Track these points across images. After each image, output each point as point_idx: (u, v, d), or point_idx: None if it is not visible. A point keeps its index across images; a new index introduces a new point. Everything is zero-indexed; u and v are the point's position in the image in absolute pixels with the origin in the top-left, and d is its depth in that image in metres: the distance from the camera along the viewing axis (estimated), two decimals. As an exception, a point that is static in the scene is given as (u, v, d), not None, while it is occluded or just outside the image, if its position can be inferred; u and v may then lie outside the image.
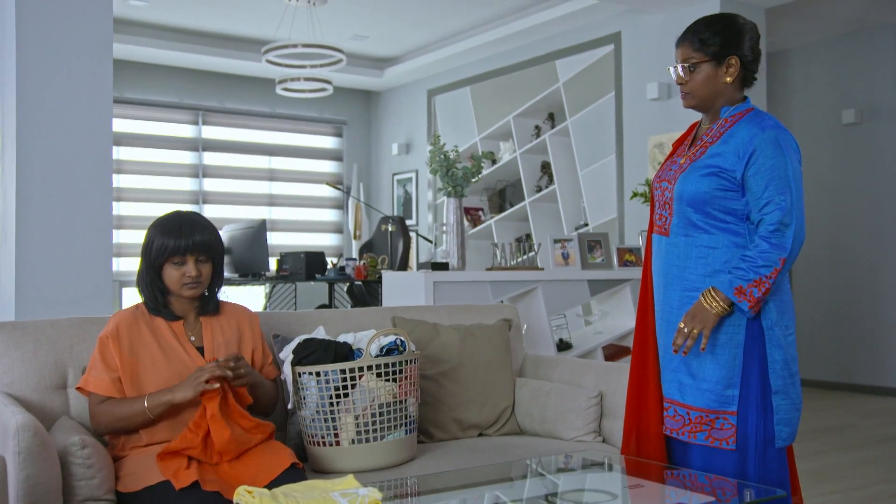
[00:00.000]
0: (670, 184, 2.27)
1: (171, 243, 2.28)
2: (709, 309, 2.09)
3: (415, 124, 9.11)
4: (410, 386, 2.59)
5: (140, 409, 2.19)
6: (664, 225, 2.28)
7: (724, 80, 2.24)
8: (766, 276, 2.07)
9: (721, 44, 2.23)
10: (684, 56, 2.27)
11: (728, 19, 2.28)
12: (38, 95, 3.69)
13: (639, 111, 6.53)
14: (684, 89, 2.29)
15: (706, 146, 2.24)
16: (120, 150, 8.21)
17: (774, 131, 2.15)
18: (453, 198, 4.97)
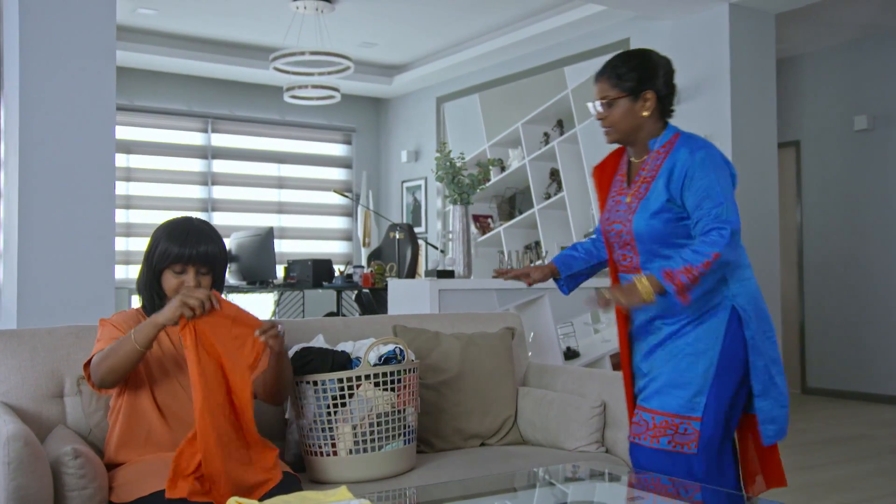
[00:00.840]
0: (624, 225, 2.33)
1: (175, 251, 2.25)
2: (638, 289, 2.16)
3: (424, 131, 9.09)
4: (409, 395, 2.56)
5: (130, 344, 2.10)
6: (631, 264, 2.36)
7: (641, 114, 2.32)
8: (696, 265, 2.12)
9: (637, 79, 2.31)
10: (602, 93, 2.35)
11: (643, 55, 2.36)
12: (41, 103, 3.69)
13: (648, 118, 6.49)
14: (604, 125, 2.37)
15: (647, 181, 2.31)
16: (130, 158, 8.23)
17: (702, 152, 2.24)
18: (459, 205, 4.94)
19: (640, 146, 2.38)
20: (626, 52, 2.39)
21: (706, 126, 6.01)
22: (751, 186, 5.98)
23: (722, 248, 2.14)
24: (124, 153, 8.18)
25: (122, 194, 8.11)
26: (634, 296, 2.16)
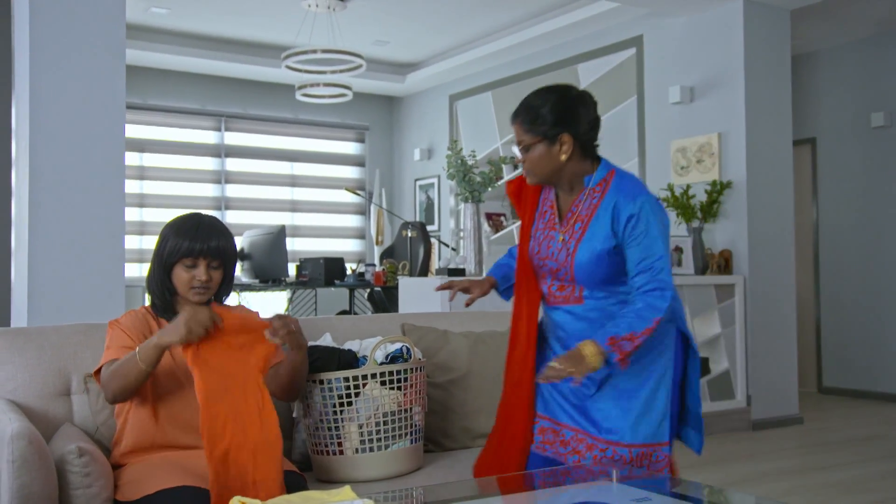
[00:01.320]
0: (561, 264, 2.28)
1: (186, 245, 2.25)
2: (585, 356, 2.12)
3: (437, 129, 9.08)
4: (416, 394, 2.54)
5: (134, 361, 2.11)
6: (570, 296, 2.32)
7: (559, 158, 2.24)
8: (639, 332, 2.13)
9: (552, 122, 2.23)
10: (518, 137, 2.28)
11: (558, 95, 2.27)
12: (51, 101, 3.70)
13: (661, 115, 6.45)
14: (524, 168, 2.30)
15: (582, 220, 2.27)
16: (143, 157, 8.26)
17: (643, 199, 2.21)
18: (471, 203, 4.93)
19: (566, 185, 2.32)
20: (542, 91, 2.30)
21: (720, 124, 5.97)
22: (765, 184, 5.93)
23: (663, 312, 2.16)
24: (138, 152, 8.21)
25: (135, 193, 8.14)
26: (583, 365, 2.12)
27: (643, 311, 2.15)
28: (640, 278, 2.19)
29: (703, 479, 4.41)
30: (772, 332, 5.94)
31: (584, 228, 2.26)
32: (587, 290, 2.29)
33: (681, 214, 5.90)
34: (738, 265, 5.87)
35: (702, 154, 6.05)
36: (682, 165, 6.19)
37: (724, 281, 5.75)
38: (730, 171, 5.92)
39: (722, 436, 5.60)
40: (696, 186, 6.04)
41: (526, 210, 2.41)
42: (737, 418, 5.76)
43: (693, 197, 5.90)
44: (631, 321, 2.14)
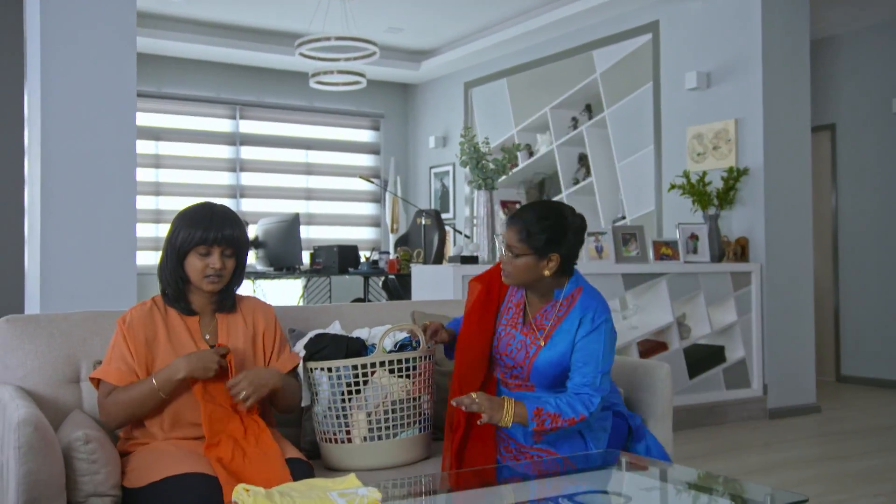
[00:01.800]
0: (520, 362, 2.46)
1: (200, 233, 2.25)
2: (503, 410, 2.30)
3: (452, 117, 9.04)
4: (425, 383, 2.53)
5: (150, 389, 2.16)
6: (522, 384, 2.50)
7: (543, 272, 2.43)
8: (564, 419, 2.32)
9: (545, 241, 2.40)
10: (510, 241, 2.43)
11: (556, 217, 2.43)
12: (62, 90, 3.70)
13: (677, 101, 6.38)
14: (506, 269, 2.47)
15: (545, 329, 2.45)
16: (159, 145, 8.28)
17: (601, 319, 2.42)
18: (484, 190, 4.90)
19: (538, 293, 2.50)
20: (542, 209, 2.46)
21: (736, 110, 5.90)
22: (783, 171, 5.86)
23: (590, 413, 2.34)
24: (153, 140, 8.24)
25: (151, 181, 8.17)
26: (499, 413, 2.29)
27: (574, 403, 2.34)
28: (578, 375, 2.39)
29: (717, 467, 4.38)
30: (789, 320, 5.88)
31: (546, 337, 2.45)
32: (537, 387, 2.47)
33: (696, 202, 5.84)
34: (755, 253, 5.81)
35: (718, 140, 5.99)
36: (699, 152, 6.12)
37: (741, 269, 5.70)
38: (747, 158, 5.85)
39: (737, 424, 5.56)
40: (713, 173, 5.97)
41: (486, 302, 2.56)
42: (753, 407, 5.71)
43: (709, 184, 5.84)
44: (561, 405, 2.34)
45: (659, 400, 2.78)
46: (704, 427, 5.48)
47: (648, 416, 2.78)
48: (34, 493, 1.86)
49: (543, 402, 2.34)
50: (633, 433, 2.67)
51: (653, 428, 2.77)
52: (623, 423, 2.66)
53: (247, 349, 2.36)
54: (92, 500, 2.03)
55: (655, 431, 2.76)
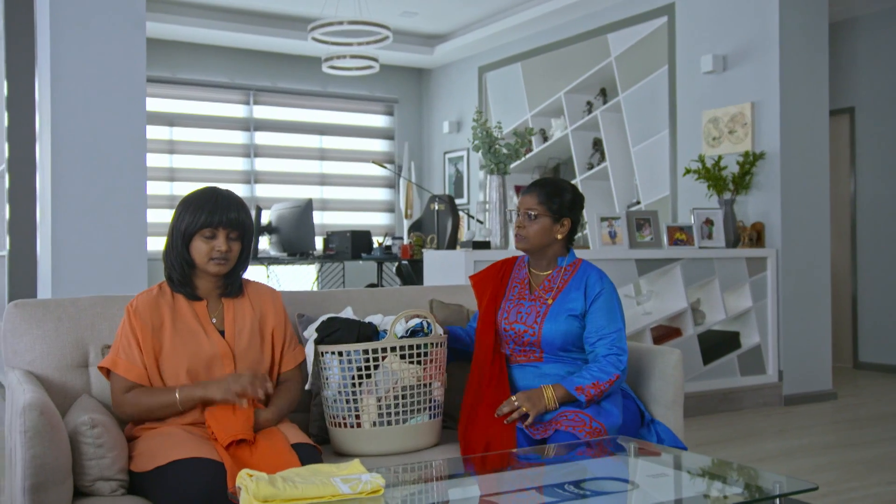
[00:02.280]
0: (530, 328, 2.61)
1: (204, 217, 2.25)
2: (544, 399, 2.48)
3: (466, 102, 8.99)
4: (436, 369, 2.51)
5: (171, 401, 2.18)
6: (530, 356, 2.64)
7: (556, 235, 2.67)
8: (602, 382, 2.50)
9: (560, 204, 2.65)
10: (528, 205, 2.66)
11: (571, 189, 2.71)
12: (71, 75, 3.69)
13: (693, 85, 6.31)
14: (521, 233, 2.68)
15: (553, 291, 2.64)
16: (173, 131, 8.29)
17: (606, 280, 2.64)
18: (496, 175, 4.87)
19: (544, 261, 2.71)
20: (556, 180, 2.75)
21: (753, 93, 5.83)
22: (800, 155, 5.78)
23: (621, 371, 2.53)
24: (167, 126, 8.25)
25: (165, 167, 8.18)
26: (541, 403, 2.47)
27: (605, 367, 2.52)
28: (600, 344, 2.56)
29: (731, 454, 4.35)
30: (805, 305, 5.82)
31: (554, 296, 2.63)
32: (546, 353, 2.61)
33: (712, 186, 5.78)
34: (771, 238, 5.75)
35: (734, 124, 5.92)
36: (714, 136, 6.06)
37: (756, 254, 5.64)
38: (763, 142, 5.78)
39: (752, 411, 5.52)
40: (728, 158, 5.91)
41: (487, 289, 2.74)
42: (768, 393, 5.67)
43: (725, 168, 5.78)
44: (595, 374, 2.51)
45: (670, 386, 2.75)
46: (719, 413, 5.44)
47: (659, 403, 2.76)
48: (40, 477, 1.86)
49: (578, 379, 2.49)
50: (644, 420, 2.66)
51: (663, 415, 2.74)
52: (634, 406, 2.66)
53: (253, 334, 2.35)
54: (98, 484, 2.03)
55: (666, 419, 2.74)
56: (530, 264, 2.76)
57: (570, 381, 2.51)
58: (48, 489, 1.88)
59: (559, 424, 2.43)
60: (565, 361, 2.62)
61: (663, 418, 2.74)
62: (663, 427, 2.69)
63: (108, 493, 2.04)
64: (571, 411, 2.46)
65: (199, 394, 2.18)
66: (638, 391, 2.84)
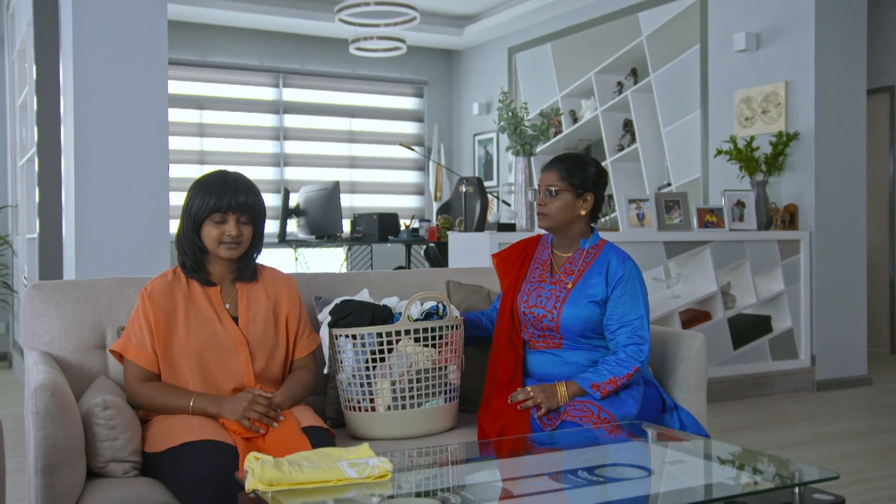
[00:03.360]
0: (549, 312, 2.54)
1: (213, 201, 2.23)
2: (557, 396, 2.43)
3: (495, 83, 8.90)
4: (452, 352, 2.48)
5: (184, 407, 2.17)
6: (549, 342, 2.57)
7: (579, 211, 2.58)
8: (619, 378, 2.43)
9: (583, 179, 2.57)
10: (549, 181, 2.58)
11: (593, 163, 2.63)
12: (93, 59, 3.70)
13: (725, 64, 6.18)
14: (543, 210, 2.59)
15: (574, 274, 2.57)
16: (203, 114, 8.32)
17: (631, 263, 2.55)
18: (522, 156, 4.82)
19: (567, 240, 2.63)
20: (577, 155, 2.68)
21: (787, 71, 5.69)
22: (835, 135, 5.64)
23: (641, 362, 2.45)
24: (197, 109, 8.28)
25: (195, 150, 8.23)
26: (554, 401, 2.42)
27: (624, 360, 2.44)
28: (621, 332, 2.48)
29: (760, 440, 4.29)
30: (839, 289, 5.70)
31: (575, 280, 2.56)
32: (566, 339, 2.54)
33: (744, 167, 5.67)
34: (805, 220, 5.63)
35: (767, 104, 5.79)
36: (747, 116, 5.93)
37: (789, 236, 5.53)
38: (797, 122, 5.65)
39: (783, 396, 5.43)
40: (761, 138, 5.78)
41: (510, 269, 2.69)
42: (800, 378, 5.57)
43: (757, 149, 5.66)
44: (612, 368, 2.44)
45: (693, 371, 2.70)
46: (749, 399, 5.36)
47: (682, 388, 2.71)
48: (52, 458, 1.87)
49: (593, 376, 2.43)
50: (666, 406, 2.62)
51: (686, 400, 2.70)
52: (655, 392, 2.61)
53: (268, 321, 2.34)
54: (111, 465, 2.04)
55: (689, 404, 2.69)
56: (553, 244, 2.68)
57: (585, 379, 2.44)
58: (60, 470, 1.89)
59: (566, 415, 2.39)
60: (585, 348, 2.55)
61: (686, 403, 2.70)
62: (686, 413, 2.64)
63: (120, 475, 2.05)
64: (580, 401, 2.42)
65: (212, 411, 2.16)
66: (660, 376, 2.79)
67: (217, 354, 2.24)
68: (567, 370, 2.53)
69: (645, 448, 2.13)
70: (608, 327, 2.51)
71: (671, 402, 2.65)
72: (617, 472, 1.89)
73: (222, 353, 2.25)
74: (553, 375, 2.54)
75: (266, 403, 2.14)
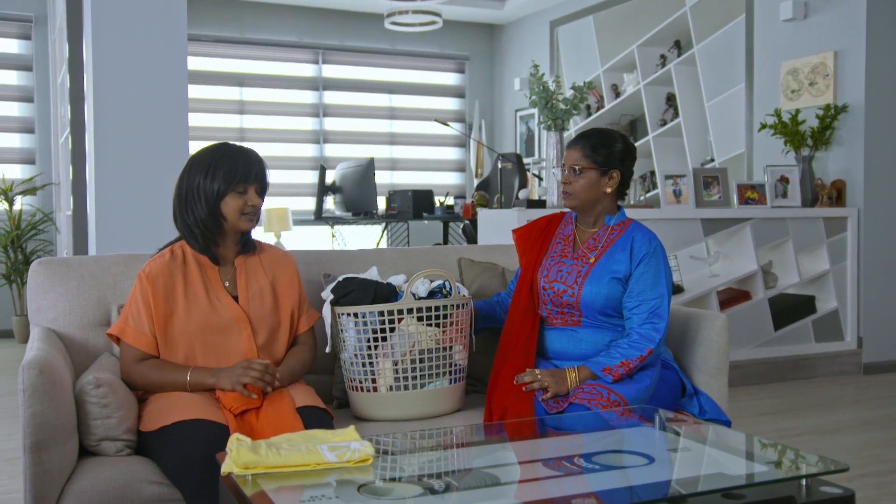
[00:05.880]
0: (570, 287, 2.45)
1: (240, 172, 2.21)
2: (567, 381, 2.34)
3: (537, 58, 8.68)
4: (458, 332, 2.41)
5: (181, 382, 2.15)
6: (568, 319, 2.49)
7: (604, 189, 2.49)
8: (632, 360, 2.34)
9: (607, 156, 2.48)
10: (574, 159, 2.49)
11: (620, 138, 2.53)
12: (111, 35, 3.69)
13: (771, 34, 5.94)
14: (567, 189, 2.51)
15: (597, 250, 2.49)
16: (243, 91, 8.33)
17: (657, 242, 2.48)
18: (554, 131, 4.70)
19: (592, 217, 2.55)
20: (604, 130, 2.56)
21: (836, 41, 5.44)
22: (887, 107, 5.39)
23: (656, 344, 2.37)
24: (237, 86, 8.30)
25: (235, 127, 8.26)
26: (563, 386, 2.33)
27: (637, 342, 2.36)
28: (638, 310, 2.40)
29: (799, 424, 4.14)
30: (889, 268, 5.47)
31: (598, 256, 2.48)
32: (585, 317, 2.46)
33: (788, 142, 5.45)
34: (853, 197, 5.40)
35: (815, 76, 5.56)
36: (793, 89, 5.70)
37: (836, 213, 5.31)
38: (846, 94, 5.41)
39: (827, 379, 5.24)
40: (807, 111, 5.56)
41: (529, 246, 2.61)
42: (845, 361, 5.37)
43: (803, 122, 5.44)
44: (624, 350, 2.36)
45: (713, 354, 2.59)
46: (790, 381, 5.19)
47: (702, 371, 2.60)
48: (40, 436, 1.85)
49: (605, 360, 2.35)
50: (686, 391, 2.52)
51: (706, 384, 2.59)
52: (675, 376, 2.51)
53: (268, 297, 2.30)
54: (104, 443, 2.02)
55: (709, 388, 2.58)
56: (577, 220, 2.59)
57: (596, 363, 2.36)
58: (49, 448, 1.87)
59: (574, 397, 2.30)
60: (604, 327, 2.46)
61: (706, 387, 2.59)
62: (707, 398, 2.53)
63: (113, 453, 2.03)
64: (589, 384, 2.33)
65: (209, 382, 2.13)
66: (680, 359, 2.68)
67: (218, 333, 2.21)
68: (583, 348, 2.45)
69: (652, 434, 2.04)
70: (626, 304, 2.43)
71: (691, 388, 2.54)
72: (616, 460, 1.80)
73: (224, 332, 2.21)
74: (569, 353, 2.47)
75: (261, 368, 2.11)
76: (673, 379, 2.51)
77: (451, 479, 1.66)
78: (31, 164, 7.52)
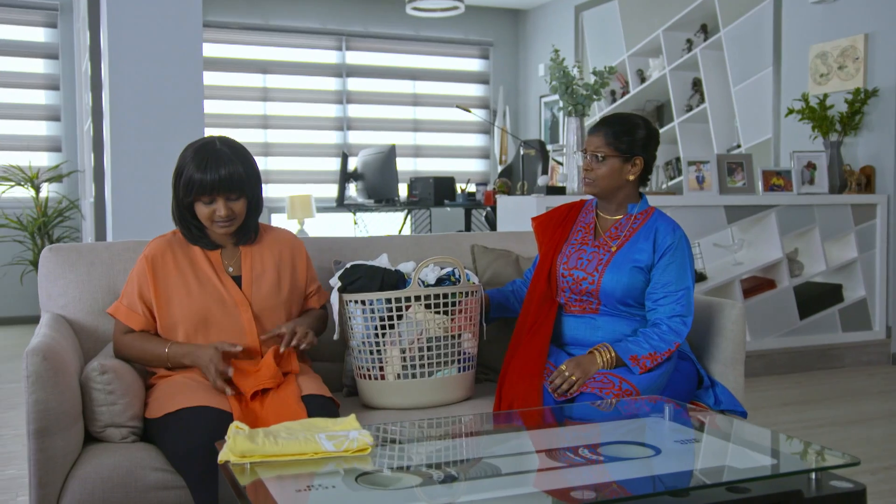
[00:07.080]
0: (590, 275, 2.41)
1: (198, 180, 2.12)
2: (596, 363, 2.29)
3: (562, 44, 8.62)
4: (467, 320, 2.38)
5: (160, 354, 2.16)
6: (586, 307, 2.44)
7: (627, 176, 2.45)
8: (661, 353, 2.30)
9: (630, 143, 2.43)
10: (596, 146, 2.44)
11: (643, 123, 2.47)
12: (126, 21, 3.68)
13: (800, 17, 5.81)
14: (589, 176, 2.46)
15: (619, 239, 2.44)
16: (266, 78, 8.34)
17: (681, 232, 2.43)
18: (574, 117, 4.64)
19: (614, 205, 2.50)
20: (625, 115, 2.51)
21: (867, 23, 5.31)
22: (918, 91, 5.26)
23: (682, 338, 2.33)
24: (261, 73, 8.30)
25: (259, 114, 8.27)
26: (593, 369, 2.28)
27: (665, 335, 2.32)
28: (665, 302, 2.36)
29: (823, 414, 4.07)
30: (920, 257, 5.35)
31: (620, 244, 2.44)
32: (604, 305, 2.42)
33: (816, 127, 5.34)
34: (883, 183, 5.28)
35: (844, 59, 5.43)
36: (822, 73, 5.58)
37: (864, 200, 5.20)
38: (877, 78, 5.28)
39: (854, 369, 5.15)
40: (836, 96, 5.44)
41: (549, 232, 2.57)
42: (874, 351, 5.27)
43: (831, 107, 5.32)
44: (654, 342, 2.31)
45: (730, 343, 2.54)
46: (816, 371, 5.10)
47: (717, 361, 2.55)
48: (43, 422, 1.86)
49: (634, 347, 2.30)
50: (703, 383, 2.47)
51: (722, 374, 2.54)
52: (691, 367, 2.46)
53: (273, 280, 2.28)
54: (109, 430, 2.02)
55: (725, 378, 2.53)
56: (598, 207, 2.55)
57: (624, 348, 2.30)
58: (53, 434, 1.87)
59: (586, 387, 2.26)
60: (623, 316, 2.41)
61: (721, 377, 2.54)
62: (723, 389, 2.48)
63: (118, 440, 2.03)
64: (600, 372, 2.28)
65: (187, 361, 2.13)
66: (696, 347, 2.63)
67: (220, 316, 2.19)
68: (600, 335, 2.41)
69: (661, 425, 1.99)
70: (651, 296, 2.38)
71: (708, 379, 2.49)
72: (622, 451, 1.76)
73: (225, 315, 2.19)
74: (586, 340, 2.42)
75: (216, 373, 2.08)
76: (689, 369, 2.46)
77: (452, 469, 1.64)
78: (57, 152, 7.59)
